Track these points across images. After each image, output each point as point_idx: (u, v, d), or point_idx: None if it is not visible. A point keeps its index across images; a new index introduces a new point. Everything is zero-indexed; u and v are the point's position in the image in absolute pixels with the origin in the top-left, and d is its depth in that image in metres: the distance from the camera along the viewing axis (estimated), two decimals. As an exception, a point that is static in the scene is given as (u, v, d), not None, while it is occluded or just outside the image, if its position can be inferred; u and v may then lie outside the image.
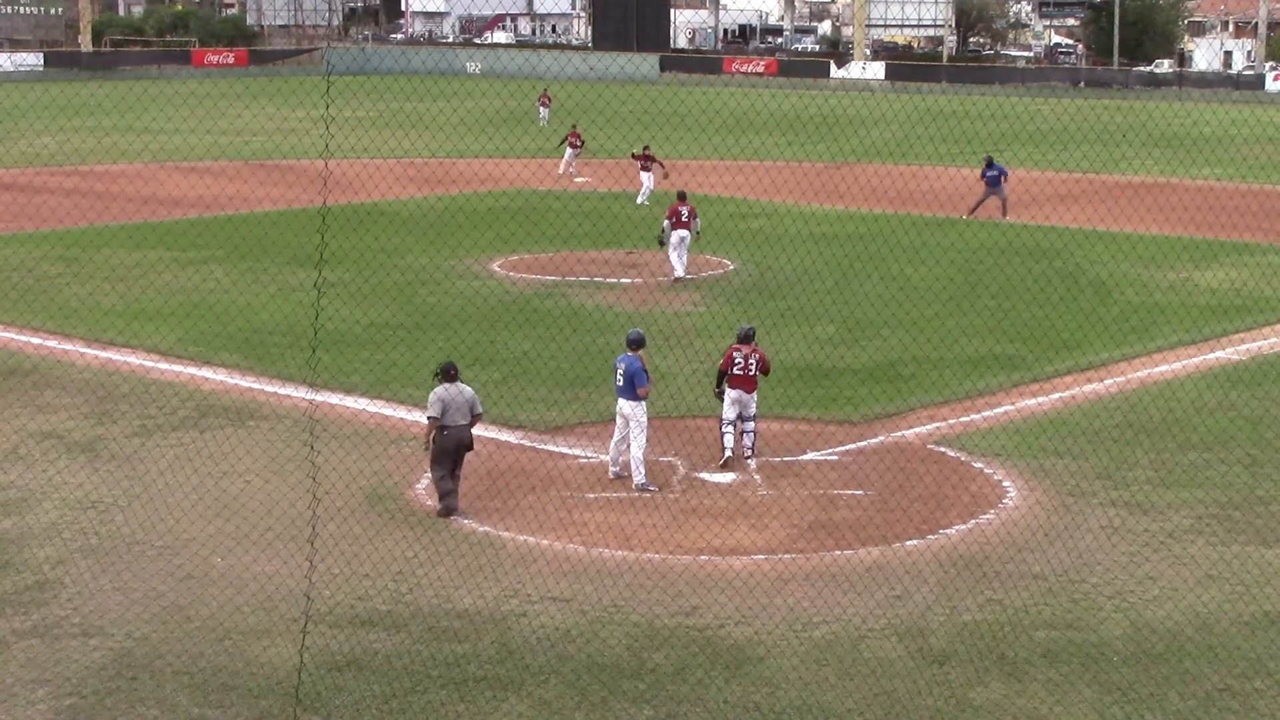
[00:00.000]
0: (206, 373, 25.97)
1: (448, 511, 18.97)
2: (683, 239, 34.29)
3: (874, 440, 22.41)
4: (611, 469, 20.54)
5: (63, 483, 20.00)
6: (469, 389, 19.31)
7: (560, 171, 52.93)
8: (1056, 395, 25.04)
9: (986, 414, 23.97)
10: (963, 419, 23.66)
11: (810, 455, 21.72)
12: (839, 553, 17.87)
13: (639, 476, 20.02)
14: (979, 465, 21.30)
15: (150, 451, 21.47)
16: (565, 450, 21.89)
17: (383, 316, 30.06)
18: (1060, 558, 17.64)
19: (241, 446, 21.53)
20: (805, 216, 44.61)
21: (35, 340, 28.29)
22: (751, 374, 21.08)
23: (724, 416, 21.11)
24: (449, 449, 18.93)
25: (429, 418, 18.99)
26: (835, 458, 21.66)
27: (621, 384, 20.15)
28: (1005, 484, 20.48)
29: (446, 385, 19.07)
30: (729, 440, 21.03)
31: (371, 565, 17.19)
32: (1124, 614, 16.15)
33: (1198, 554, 17.89)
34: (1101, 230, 41.01)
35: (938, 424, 23.29)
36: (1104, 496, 19.94)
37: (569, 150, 53.73)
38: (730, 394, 21.05)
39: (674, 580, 16.96)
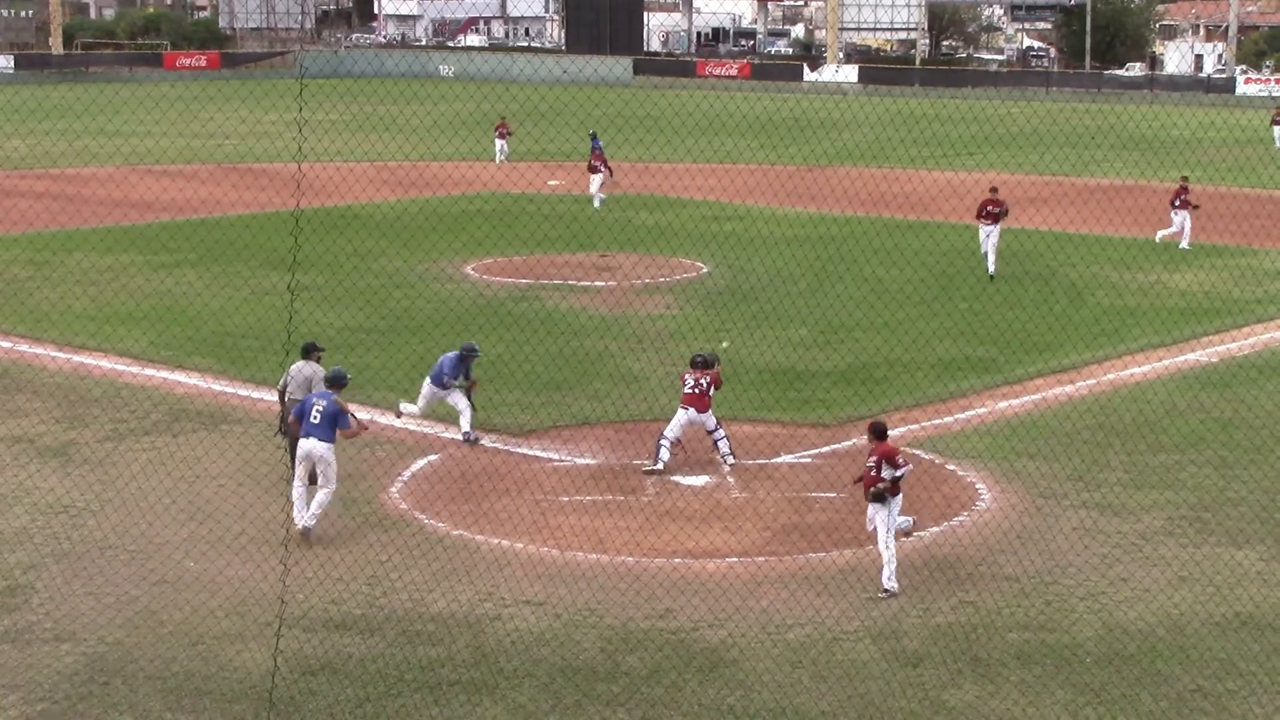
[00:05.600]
0: (179, 377, 25.89)
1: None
2: None
3: (848, 443, 22.43)
4: (298, 516, 18.29)
5: (34, 487, 19.91)
6: (314, 367, 20.05)
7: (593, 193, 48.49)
8: (1029, 397, 25.12)
9: (960, 416, 24.04)
10: (936, 421, 23.72)
11: (784, 458, 21.75)
12: (813, 555, 17.90)
13: (312, 520, 18.24)
14: (952, 467, 21.36)
15: (122, 456, 21.39)
16: (539, 453, 21.87)
17: (356, 320, 30.00)
18: (1033, 559, 17.69)
19: (214, 450, 21.46)
20: (779, 219, 44.69)
21: (5, 344, 28.15)
22: (702, 391, 20.97)
23: (668, 433, 21.00)
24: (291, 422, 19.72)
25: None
26: (809, 460, 21.69)
27: (317, 422, 18.23)
28: (978, 486, 20.54)
29: (301, 362, 20.05)
30: (665, 454, 20.91)
31: (345, 569, 17.16)
32: (1097, 615, 16.22)
33: (1170, 555, 17.97)
34: (1074, 233, 41.15)
35: (911, 426, 23.34)
36: (1076, 498, 20.02)
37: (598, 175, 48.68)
38: (683, 415, 20.97)
39: (648, 583, 16.96)
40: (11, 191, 48.05)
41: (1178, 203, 40.54)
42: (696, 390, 20.97)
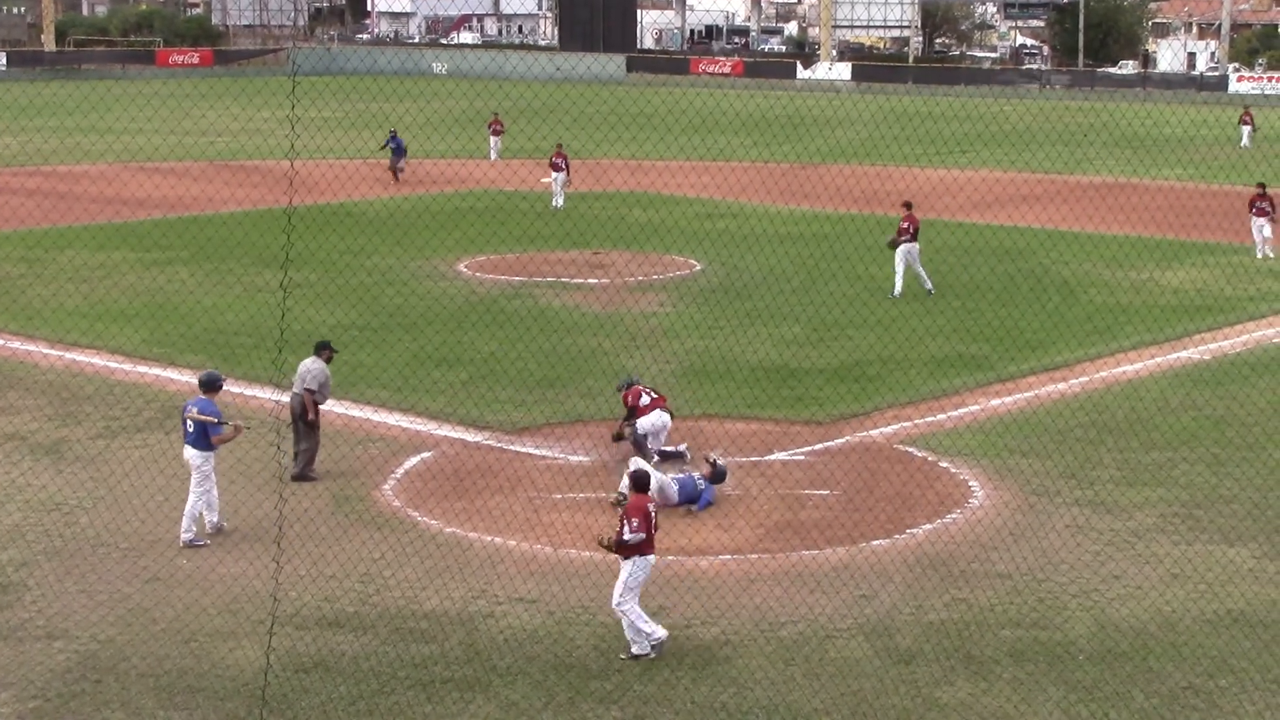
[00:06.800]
0: (171, 374, 25.85)
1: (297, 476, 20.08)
2: None
3: (841, 440, 22.46)
4: (211, 521, 18.27)
5: (26, 484, 19.88)
6: (307, 363, 20.34)
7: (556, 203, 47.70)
8: (1022, 395, 25.14)
9: (953, 414, 24.04)
10: (929, 419, 23.73)
11: (777, 455, 21.76)
12: (806, 553, 17.90)
13: (188, 533, 17.93)
14: (945, 465, 21.37)
15: (115, 453, 21.36)
16: (532, 451, 21.87)
17: (349, 317, 29.98)
18: (1026, 557, 17.71)
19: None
20: (772, 217, 44.70)
21: (-2, 341, 28.13)
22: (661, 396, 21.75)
23: (646, 443, 21.13)
24: (289, 414, 20.31)
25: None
26: (802, 458, 21.70)
27: (191, 430, 17.94)
28: (971, 484, 20.55)
29: (309, 359, 20.45)
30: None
31: (338, 566, 17.15)
32: (1089, 613, 16.23)
33: (1162, 553, 17.99)
34: (1066, 230, 41.20)
35: (904, 424, 23.35)
36: (1069, 496, 20.03)
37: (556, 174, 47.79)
38: (658, 420, 21.31)
39: (641, 580, 16.95)
40: (4, 189, 47.99)
41: (1255, 209, 38.87)
42: (660, 395, 21.69)
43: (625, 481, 19.32)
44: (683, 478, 19.68)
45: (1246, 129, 67.00)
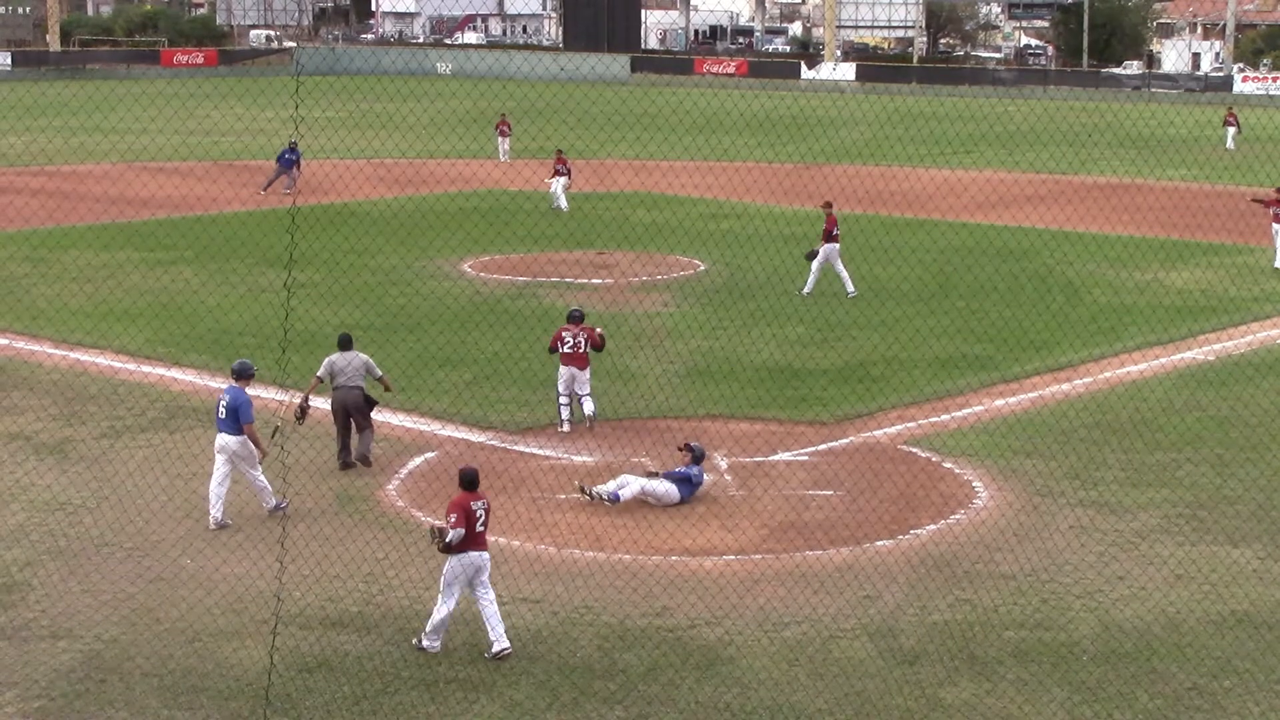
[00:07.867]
0: (176, 374, 25.88)
1: (342, 465, 20.78)
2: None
3: (845, 441, 22.45)
4: (213, 513, 18.61)
5: (30, 484, 19.90)
6: (362, 355, 21.10)
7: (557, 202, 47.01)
8: (1026, 396, 25.13)
9: (957, 414, 24.03)
10: (933, 419, 23.72)
11: (781, 456, 21.75)
12: (810, 553, 17.90)
13: (270, 501, 18.87)
14: (949, 465, 21.36)
15: (119, 453, 21.37)
16: (536, 451, 21.87)
17: (353, 317, 29.97)
18: (1030, 557, 17.70)
19: (211, 447, 21.39)
20: (776, 217, 44.67)
21: (2, 341, 28.13)
22: (581, 350, 22.42)
23: (558, 391, 22.58)
24: (338, 409, 20.84)
25: (315, 376, 21.07)
26: (806, 458, 21.69)
27: (224, 416, 18.67)
28: (975, 484, 20.54)
29: (340, 353, 20.95)
30: (565, 413, 22.58)
31: (342, 566, 17.16)
32: (1093, 613, 16.22)
33: (1166, 554, 17.98)
34: (1071, 231, 41.16)
35: (908, 424, 23.34)
36: (1073, 496, 20.02)
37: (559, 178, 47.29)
38: (563, 371, 22.40)
39: (645, 581, 16.96)
40: (8, 189, 48.00)
41: (1274, 215, 37.28)
42: (575, 349, 22.49)
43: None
44: (671, 475, 19.73)
45: (1230, 130, 66.77)
